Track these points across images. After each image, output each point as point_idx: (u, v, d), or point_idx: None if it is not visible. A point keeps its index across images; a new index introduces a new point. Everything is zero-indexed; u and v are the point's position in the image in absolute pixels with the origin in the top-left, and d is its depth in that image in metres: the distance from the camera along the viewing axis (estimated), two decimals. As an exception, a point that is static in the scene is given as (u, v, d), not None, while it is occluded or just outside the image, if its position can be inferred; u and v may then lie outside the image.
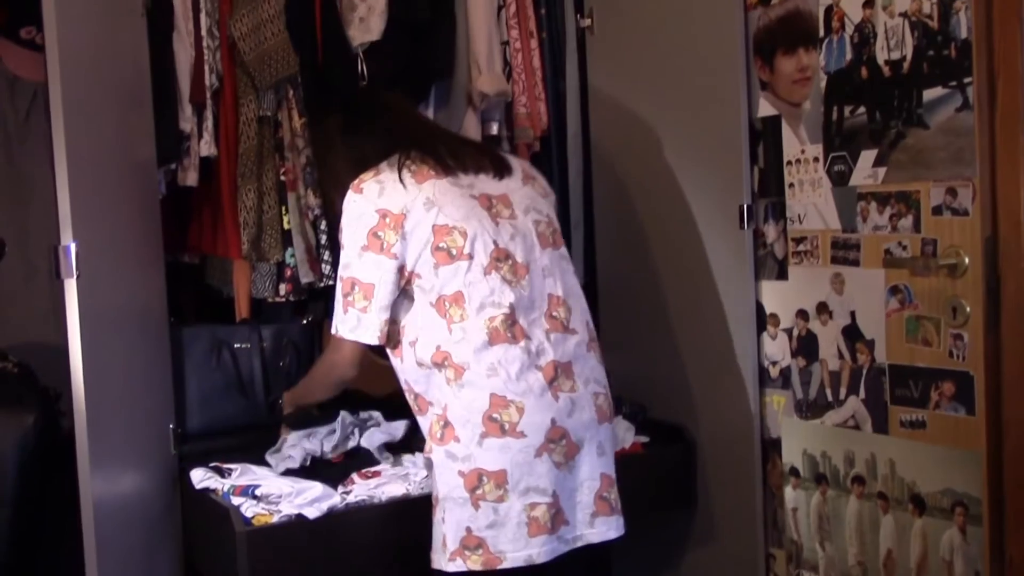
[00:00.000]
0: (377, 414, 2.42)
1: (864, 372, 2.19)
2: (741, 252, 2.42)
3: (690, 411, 2.14)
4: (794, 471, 2.38)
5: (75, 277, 1.79)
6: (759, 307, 2.43)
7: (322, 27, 2.55)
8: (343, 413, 2.37)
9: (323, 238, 2.54)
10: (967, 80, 1.93)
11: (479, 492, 1.85)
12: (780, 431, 2.42)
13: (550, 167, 2.85)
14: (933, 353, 2.04)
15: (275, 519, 1.99)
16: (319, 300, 2.70)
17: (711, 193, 2.47)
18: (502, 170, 2.04)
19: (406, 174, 1.94)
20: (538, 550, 1.87)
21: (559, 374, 1.91)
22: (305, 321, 2.59)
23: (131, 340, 2.11)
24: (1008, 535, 1.97)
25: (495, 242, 1.93)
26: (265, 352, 2.49)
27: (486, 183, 2.00)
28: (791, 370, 2.37)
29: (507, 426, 1.85)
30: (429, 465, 1.96)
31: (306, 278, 2.53)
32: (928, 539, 2.09)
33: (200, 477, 2.18)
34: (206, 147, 2.44)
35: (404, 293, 1.95)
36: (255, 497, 2.07)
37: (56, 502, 2.07)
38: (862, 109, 2.15)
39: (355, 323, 1.93)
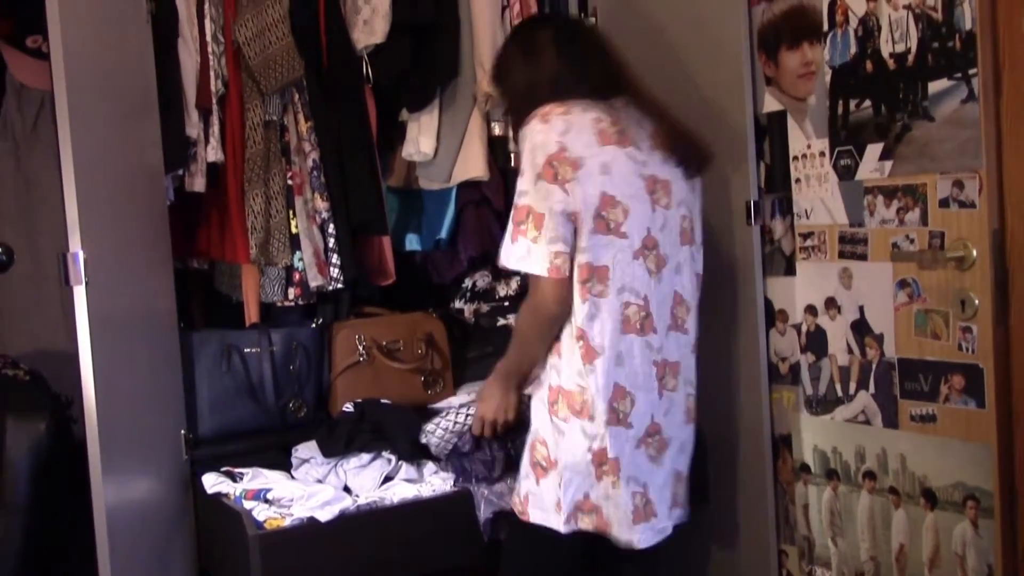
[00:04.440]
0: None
1: (873, 366, 2.18)
2: (749, 248, 2.41)
3: (700, 408, 2.14)
4: (805, 467, 2.38)
5: (84, 284, 1.81)
6: (767, 303, 2.43)
7: (326, 30, 2.56)
8: (385, 454, 2.30)
9: (331, 241, 2.54)
10: (972, 71, 1.92)
11: (603, 468, 1.91)
12: (790, 427, 2.41)
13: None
14: (942, 346, 2.03)
15: (287, 522, 2.00)
16: (328, 303, 2.71)
17: (718, 189, 2.47)
18: (679, 160, 2.01)
19: (594, 129, 1.90)
20: (639, 536, 1.95)
21: (667, 373, 1.98)
22: (314, 324, 2.59)
23: (141, 346, 2.12)
24: (1020, 528, 1.96)
25: (648, 229, 1.93)
26: (275, 356, 2.49)
27: (657, 164, 1.97)
28: (800, 366, 2.37)
29: (622, 415, 1.91)
30: (554, 430, 1.93)
31: (315, 282, 2.53)
32: (940, 533, 2.08)
33: (212, 481, 2.20)
34: (213, 152, 2.45)
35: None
36: (267, 501, 2.08)
37: (69, 508, 2.08)
38: (867, 103, 2.14)
39: (524, 253, 1.86)
